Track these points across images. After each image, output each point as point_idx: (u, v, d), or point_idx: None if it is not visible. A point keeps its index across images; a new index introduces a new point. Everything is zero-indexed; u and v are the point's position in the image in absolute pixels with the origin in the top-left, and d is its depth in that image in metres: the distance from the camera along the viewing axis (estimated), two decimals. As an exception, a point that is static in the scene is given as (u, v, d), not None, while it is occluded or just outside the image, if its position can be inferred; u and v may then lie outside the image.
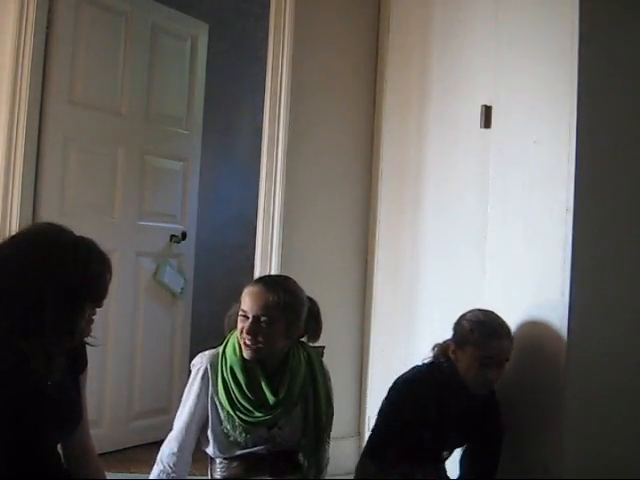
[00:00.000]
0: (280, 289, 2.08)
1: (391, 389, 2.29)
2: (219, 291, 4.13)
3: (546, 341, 2.24)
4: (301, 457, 2.15)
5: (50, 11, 2.97)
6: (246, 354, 2.08)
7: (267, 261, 3.07)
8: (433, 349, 2.29)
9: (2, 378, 1.47)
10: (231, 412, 2.07)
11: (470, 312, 2.27)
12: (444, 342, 2.27)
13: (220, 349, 2.15)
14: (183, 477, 2.17)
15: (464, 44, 2.74)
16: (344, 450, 2.44)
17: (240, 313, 2.09)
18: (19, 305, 1.48)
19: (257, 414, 2.06)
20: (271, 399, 2.07)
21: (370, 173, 3.25)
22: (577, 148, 2.18)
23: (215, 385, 2.09)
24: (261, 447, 2.10)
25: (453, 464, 2.35)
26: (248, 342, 2.06)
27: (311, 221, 3.13)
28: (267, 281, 2.17)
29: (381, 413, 2.29)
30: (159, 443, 2.25)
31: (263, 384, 2.08)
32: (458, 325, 2.25)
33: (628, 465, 2.22)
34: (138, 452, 3.24)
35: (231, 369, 2.09)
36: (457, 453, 2.36)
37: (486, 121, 2.55)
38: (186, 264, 3.64)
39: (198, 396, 2.11)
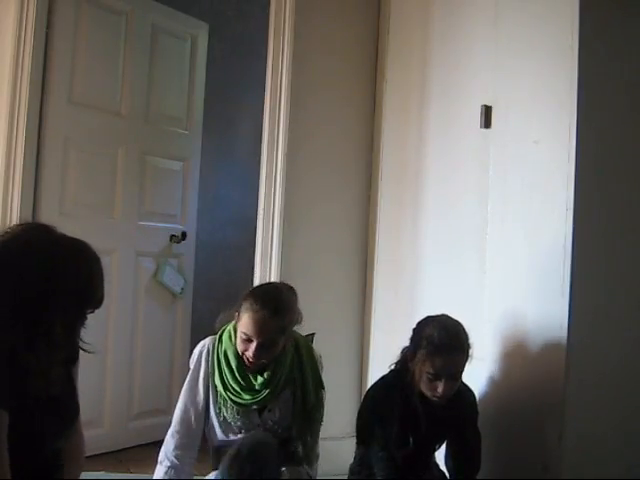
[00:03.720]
0: (282, 312, 2.16)
1: (362, 405, 2.30)
2: (219, 291, 4.13)
3: (546, 341, 2.24)
4: (294, 446, 2.22)
5: (50, 11, 2.97)
6: (248, 369, 2.18)
7: (267, 261, 3.07)
8: (402, 352, 2.27)
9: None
10: (223, 393, 2.18)
11: (427, 320, 2.23)
12: (405, 348, 2.25)
13: (217, 335, 2.27)
14: (191, 474, 2.17)
15: (464, 44, 2.74)
16: (344, 449, 2.44)
17: (242, 336, 2.14)
18: (21, 316, 1.44)
19: (245, 397, 2.17)
20: (258, 381, 2.17)
21: (370, 173, 3.25)
22: (577, 148, 2.18)
23: (212, 366, 2.21)
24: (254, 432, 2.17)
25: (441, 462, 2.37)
26: (252, 360, 2.15)
27: (311, 221, 3.13)
28: (269, 306, 2.14)
29: (359, 429, 2.27)
30: (159, 443, 2.25)
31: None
32: (413, 333, 2.23)
33: (628, 464, 2.22)
34: (138, 452, 3.24)
35: (225, 353, 2.20)
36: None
37: (486, 121, 2.55)
38: (186, 264, 3.64)
39: (203, 378, 2.21)
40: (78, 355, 1.74)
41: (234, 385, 2.17)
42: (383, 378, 2.30)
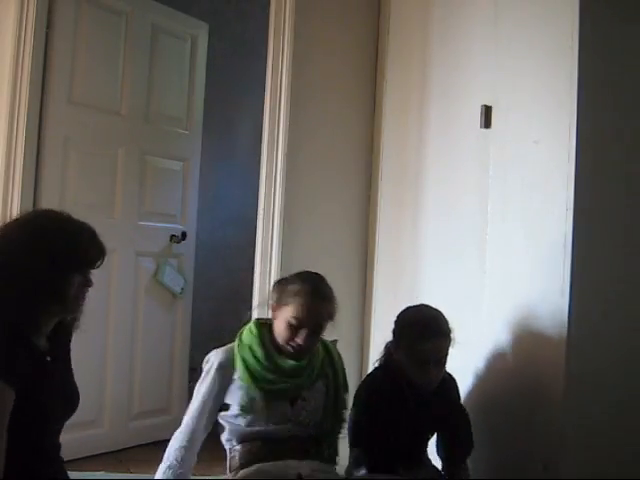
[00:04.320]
0: (332, 299, 2.20)
1: (353, 404, 2.30)
2: (219, 291, 4.14)
3: (546, 341, 2.24)
4: (321, 442, 2.19)
5: (50, 11, 2.98)
6: (292, 355, 2.16)
7: (267, 261, 3.07)
8: (385, 347, 2.30)
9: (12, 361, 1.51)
10: (254, 387, 2.12)
11: (407, 310, 2.29)
12: (388, 343, 2.28)
13: (236, 341, 2.21)
14: (188, 474, 2.16)
15: (464, 44, 2.74)
16: (343, 448, 2.44)
17: (292, 322, 2.13)
18: (9, 278, 1.56)
19: (280, 385, 2.13)
20: (287, 364, 2.14)
21: (370, 173, 3.25)
22: (577, 148, 2.18)
23: (232, 368, 2.15)
24: (284, 426, 2.13)
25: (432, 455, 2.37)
26: (301, 347, 2.14)
27: (311, 221, 3.13)
28: (321, 293, 2.19)
29: (353, 431, 2.27)
30: (159, 443, 2.26)
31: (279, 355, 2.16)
32: (394, 325, 2.27)
33: (628, 464, 2.22)
34: (138, 452, 3.25)
35: (249, 348, 2.16)
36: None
37: (486, 121, 2.55)
38: (186, 264, 3.64)
39: (211, 389, 2.16)
40: (71, 334, 1.77)
41: (266, 374, 2.13)
42: (369, 376, 2.32)
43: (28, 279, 1.56)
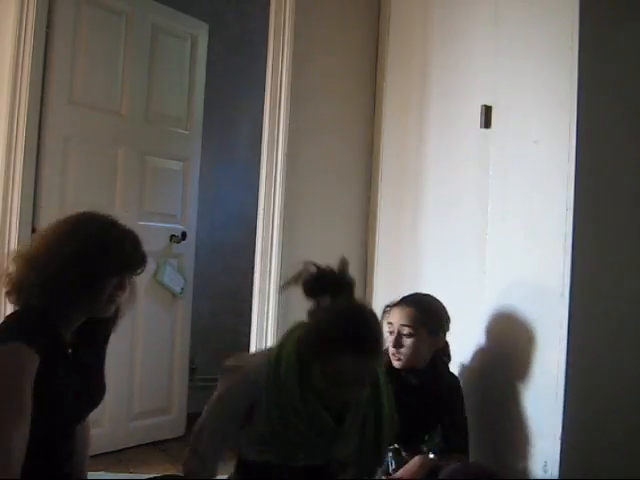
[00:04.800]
0: (380, 351, 1.91)
1: None
2: (219, 291, 4.14)
3: (546, 341, 2.25)
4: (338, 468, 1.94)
5: (50, 11, 2.97)
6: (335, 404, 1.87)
7: (267, 261, 3.07)
8: None
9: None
10: (283, 432, 1.82)
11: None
12: None
13: (271, 360, 1.85)
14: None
15: (464, 44, 2.74)
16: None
17: (335, 382, 1.80)
18: (51, 274, 1.60)
19: (315, 440, 1.85)
20: (331, 427, 1.84)
21: (370, 173, 3.26)
22: (577, 148, 2.18)
23: (262, 390, 1.82)
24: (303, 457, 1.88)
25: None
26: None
27: (311, 221, 3.13)
28: (368, 347, 1.80)
29: None
30: (159, 443, 2.24)
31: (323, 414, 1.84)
32: None
33: (628, 464, 2.22)
34: (138, 452, 3.24)
35: (290, 398, 1.81)
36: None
37: (486, 121, 2.55)
38: (186, 264, 3.64)
39: (234, 412, 1.86)
40: (109, 333, 1.81)
41: (302, 428, 1.82)
42: None
43: (68, 276, 1.59)
